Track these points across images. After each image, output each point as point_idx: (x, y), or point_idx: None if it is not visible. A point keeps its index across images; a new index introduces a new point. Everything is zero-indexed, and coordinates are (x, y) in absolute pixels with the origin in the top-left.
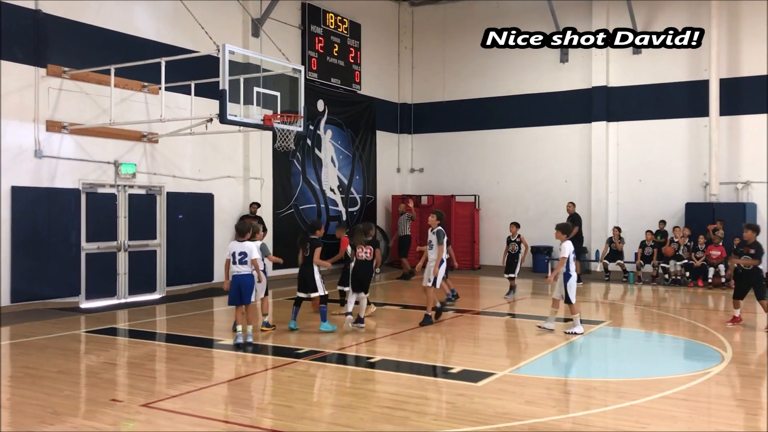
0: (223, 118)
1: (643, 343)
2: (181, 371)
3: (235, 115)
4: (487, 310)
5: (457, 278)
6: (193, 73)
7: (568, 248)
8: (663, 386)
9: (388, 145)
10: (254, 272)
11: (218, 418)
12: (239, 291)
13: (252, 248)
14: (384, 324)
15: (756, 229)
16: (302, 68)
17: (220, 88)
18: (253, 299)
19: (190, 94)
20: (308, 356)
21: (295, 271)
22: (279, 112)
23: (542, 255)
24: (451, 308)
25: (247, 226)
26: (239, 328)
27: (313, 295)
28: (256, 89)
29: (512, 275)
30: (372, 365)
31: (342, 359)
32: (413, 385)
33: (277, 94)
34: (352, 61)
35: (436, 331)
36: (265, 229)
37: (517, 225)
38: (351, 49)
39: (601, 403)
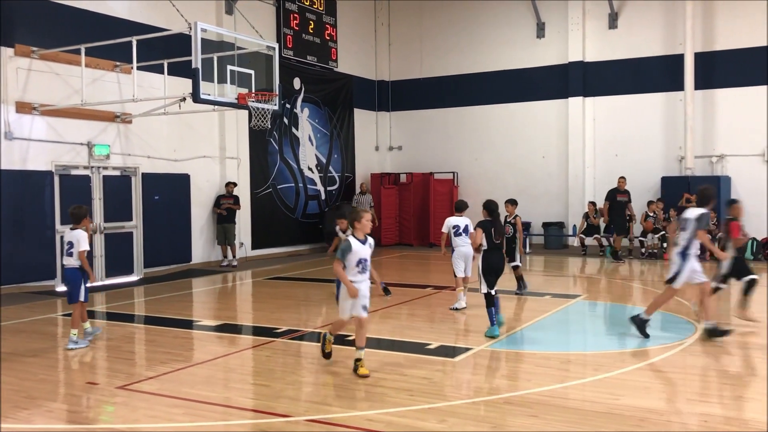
0: (196, 97)
1: (618, 316)
2: (158, 352)
3: (209, 94)
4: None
5: (437, 254)
6: (166, 51)
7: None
8: (637, 358)
9: (366, 123)
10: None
11: (196, 399)
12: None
13: (80, 238)
14: None
15: None
16: (276, 46)
17: (193, 66)
18: (82, 298)
19: (163, 73)
20: (286, 335)
21: (273, 250)
22: (253, 91)
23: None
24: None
25: (81, 212)
26: (86, 325)
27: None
28: (229, 68)
29: (516, 263)
30: (350, 343)
31: (320, 338)
32: (391, 361)
33: (251, 72)
34: (328, 38)
35: (413, 308)
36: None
37: (513, 203)
38: (327, 26)
39: (578, 376)
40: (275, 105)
